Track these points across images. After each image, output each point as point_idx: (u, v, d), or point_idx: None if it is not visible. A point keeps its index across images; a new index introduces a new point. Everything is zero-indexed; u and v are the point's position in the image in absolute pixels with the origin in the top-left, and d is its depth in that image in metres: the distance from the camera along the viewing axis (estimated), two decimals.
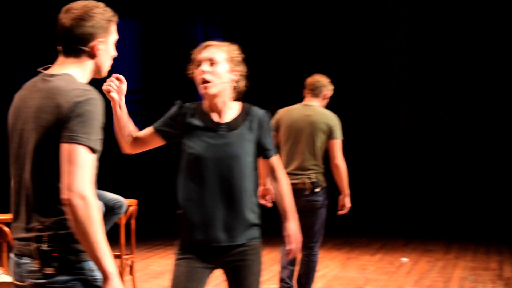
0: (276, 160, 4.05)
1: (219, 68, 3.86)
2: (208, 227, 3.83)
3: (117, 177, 8.41)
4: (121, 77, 3.84)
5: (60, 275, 2.77)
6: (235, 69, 3.92)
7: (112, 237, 2.78)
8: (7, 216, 5.75)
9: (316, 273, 6.95)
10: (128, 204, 7.09)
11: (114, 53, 3.04)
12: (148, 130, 3.98)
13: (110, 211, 6.10)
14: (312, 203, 6.60)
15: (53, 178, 2.78)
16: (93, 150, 2.74)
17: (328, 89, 6.80)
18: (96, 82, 3.07)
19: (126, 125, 3.95)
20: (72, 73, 2.89)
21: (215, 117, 3.91)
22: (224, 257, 3.89)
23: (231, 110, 3.93)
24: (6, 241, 6.09)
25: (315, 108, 6.73)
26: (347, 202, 6.75)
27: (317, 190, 6.58)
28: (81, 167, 2.70)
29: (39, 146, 2.81)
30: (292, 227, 4.06)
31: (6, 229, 5.94)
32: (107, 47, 2.99)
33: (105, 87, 3.81)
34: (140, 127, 4.17)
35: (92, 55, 2.94)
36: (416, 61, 13.58)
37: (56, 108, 2.78)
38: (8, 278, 5.27)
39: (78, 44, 2.92)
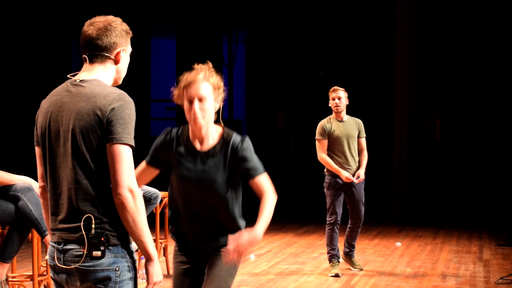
0: (260, 179, 3.69)
1: (208, 103, 3.65)
2: (193, 237, 3.77)
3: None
4: None
5: (105, 257, 2.74)
6: (218, 98, 3.73)
7: (149, 224, 2.76)
8: None
9: (322, 256, 6.79)
10: (162, 196, 7.16)
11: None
12: (143, 166, 3.76)
13: (147, 201, 6.18)
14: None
15: (95, 173, 2.73)
16: (132, 147, 2.74)
17: None
18: None
19: None
20: (99, 79, 2.84)
21: (197, 144, 3.71)
22: (204, 261, 3.81)
23: (211, 138, 3.72)
24: None
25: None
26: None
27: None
28: (127, 164, 2.68)
29: (80, 145, 2.73)
30: (247, 236, 3.51)
31: None
32: (126, 56, 2.93)
33: None
34: None
35: (115, 61, 2.89)
36: (415, 70, 13.42)
37: (95, 111, 2.72)
38: None
39: (104, 51, 2.85)
